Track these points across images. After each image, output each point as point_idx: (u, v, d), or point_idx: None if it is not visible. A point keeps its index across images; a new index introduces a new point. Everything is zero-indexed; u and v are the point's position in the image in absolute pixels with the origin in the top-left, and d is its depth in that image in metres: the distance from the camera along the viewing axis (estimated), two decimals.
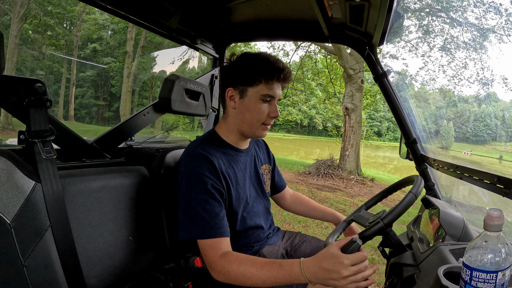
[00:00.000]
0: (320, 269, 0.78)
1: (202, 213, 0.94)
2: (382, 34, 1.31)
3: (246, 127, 1.08)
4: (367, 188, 7.66)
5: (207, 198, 0.96)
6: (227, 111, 1.11)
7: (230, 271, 0.88)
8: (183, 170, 1.00)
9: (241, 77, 1.03)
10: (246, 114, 1.05)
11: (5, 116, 12.53)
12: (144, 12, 1.26)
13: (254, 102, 1.04)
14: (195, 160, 0.99)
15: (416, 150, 1.48)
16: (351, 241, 0.79)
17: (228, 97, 1.07)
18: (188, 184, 0.97)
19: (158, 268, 1.16)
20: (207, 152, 1.01)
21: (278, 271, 0.83)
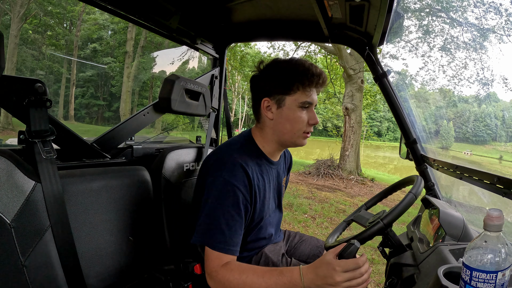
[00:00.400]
0: (317, 275, 0.79)
1: (224, 226, 0.92)
2: (382, 34, 1.31)
3: (287, 137, 1.03)
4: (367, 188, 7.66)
5: (234, 213, 0.93)
6: (263, 122, 1.05)
7: (231, 280, 0.87)
8: (218, 175, 0.95)
9: (277, 85, 0.98)
10: (286, 125, 1.01)
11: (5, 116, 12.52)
12: (144, 12, 1.26)
13: (294, 111, 0.99)
14: (233, 169, 0.95)
15: (416, 150, 1.48)
16: (348, 243, 0.79)
17: (264, 108, 1.02)
18: (220, 193, 0.93)
19: (158, 268, 1.16)
20: (245, 163, 0.97)
21: (278, 278, 0.84)
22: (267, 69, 1.03)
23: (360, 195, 6.76)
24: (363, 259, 0.78)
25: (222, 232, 0.91)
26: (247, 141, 1.08)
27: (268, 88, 1.00)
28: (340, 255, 0.79)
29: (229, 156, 0.99)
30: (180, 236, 1.29)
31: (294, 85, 0.97)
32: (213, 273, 0.90)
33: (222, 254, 0.91)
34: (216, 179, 0.95)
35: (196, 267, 1.04)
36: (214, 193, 0.94)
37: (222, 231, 0.91)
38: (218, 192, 0.93)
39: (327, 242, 1.05)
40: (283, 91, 0.98)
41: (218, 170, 0.96)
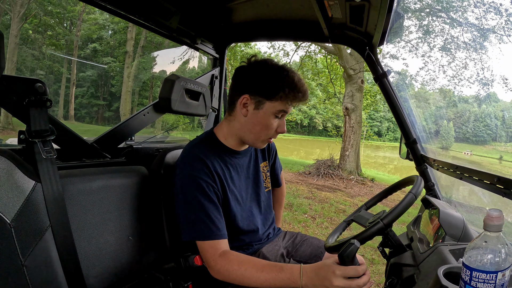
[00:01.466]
0: (316, 275, 0.80)
1: (201, 215, 0.95)
2: (382, 34, 1.31)
3: (251, 138, 1.06)
4: (367, 188, 7.66)
5: (204, 201, 0.96)
6: (234, 115, 1.06)
7: (230, 270, 0.89)
8: (179, 173, 1.00)
9: (262, 87, 0.98)
10: (256, 127, 1.02)
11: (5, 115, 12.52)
12: (144, 12, 1.26)
13: (268, 117, 1.00)
14: (191, 162, 1.00)
15: (416, 150, 1.48)
16: (349, 243, 0.78)
17: (241, 103, 1.02)
18: (185, 187, 0.98)
19: (158, 268, 1.16)
20: (203, 154, 1.00)
21: (278, 274, 0.84)
22: (257, 66, 1.02)
23: (360, 195, 6.76)
24: (363, 268, 0.78)
25: (203, 222, 0.94)
26: (208, 136, 1.11)
27: (252, 86, 0.99)
28: (340, 255, 0.78)
29: (188, 152, 1.03)
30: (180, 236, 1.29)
31: (278, 93, 0.97)
32: (212, 262, 0.93)
33: (213, 241, 0.94)
34: (178, 176, 1.00)
35: (196, 259, 1.04)
36: (180, 190, 0.98)
37: (202, 220, 0.94)
38: (185, 187, 0.97)
39: (327, 242, 1.05)
40: (266, 95, 0.98)
41: (180, 167, 1.01)
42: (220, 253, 0.93)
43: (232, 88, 1.07)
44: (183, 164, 1.01)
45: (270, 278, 0.84)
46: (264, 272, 0.85)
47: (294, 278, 0.82)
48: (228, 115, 1.09)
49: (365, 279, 0.78)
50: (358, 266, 0.78)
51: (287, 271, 0.84)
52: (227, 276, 0.90)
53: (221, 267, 0.91)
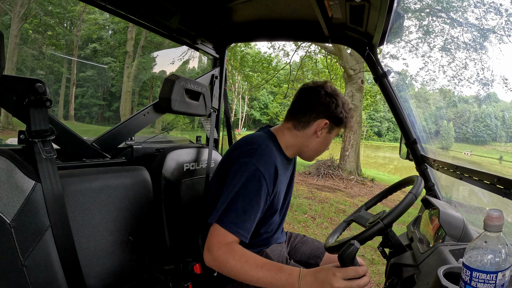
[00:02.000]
0: (315, 279, 0.79)
1: (240, 210, 0.93)
2: (382, 34, 1.31)
3: (311, 154, 1.17)
4: (367, 188, 7.66)
5: (254, 201, 0.95)
6: (304, 132, 1.12)
7: (228, 259, 0.86)
8: (248, 162, 0.97)
9: (338, 117, 1.11)
10: (322, 146, 1.15)
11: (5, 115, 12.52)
12: (144, 12, 1.26)
13: (331, 139, 1.17)
14: (264, 159, 0.99)
15: (416, 151, 1.48)
16: (349, 243, 0.78)
17: (319, 125, 1.10)
18: (247, 178, 0.95)
19: (158, 268, 1.16)
20: (273, 154, 1.03)
21: (276, 274, 0.83)
22: (335, 95, 1.12)
23: (360, 195, 6.76)
24: (363, 269, 0.78)
25: (237, 214, 0.92)
26: (271, 136, 1.13)
27: (332, 114, 1.10)
28: (340, 255, 0.78)
29: (259, 145, 1.03)
30: (180, 236, 1.29)
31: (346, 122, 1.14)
32: (214, 247, 0.89)
33: (229, 233, 0.90)
34: (244, 165, 0.97)
35: (196, 267, 1.05)
36: (240, 177, 0.96)
37: (238, 213, 0.92)
38: (245, 178, 0.95)
39: (327, 243, 1.05)
40: (339, 123, 1.13)
41: (248, 156, 0.99)
42: (227, 243, 0.90)
43: (304, 108, 1.13)
44: (253, 153, 0.99)
45: (267, 276, 0.83)
46: (263, 269, 0.84)
47: (292, 280, 0.81)
48: (294, 128, 1.13)
49: (365, 280, 0.77)
50: (358, 267, 0.77)
51: (285, 272, 0.83)
52: (224, 264, 0.87)
53: (221, 255, 0.87)
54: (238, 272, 0.85)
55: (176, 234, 1.28)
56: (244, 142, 1.07)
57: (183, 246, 1.29)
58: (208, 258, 0.90)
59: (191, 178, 1.40)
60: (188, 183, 1.38)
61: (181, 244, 1.29)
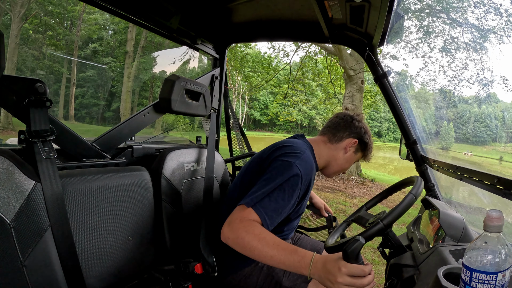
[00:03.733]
0: (323, 268, 0.80)
1: (273, 201, 0.95)
2: (383, 34, 1.31)
3: (335, 169, 1.30)
4: (367, 188, 7.65)
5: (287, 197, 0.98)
6: (336, 146, 1.27)
7: (247, 234, 0.86)
8: (291, 160, 1.02)
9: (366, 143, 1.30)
10: (346, 164, 1.30)
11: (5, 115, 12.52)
12: (144, 12, 1.26)
13: (354, 160, 1.32)
14: (305, 162, 1.06)
15: (416, 151, 1.48)
16: (354, 239, 0.78)
17: (348, 143, 1.26)
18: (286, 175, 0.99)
19: (158, 268, 1.16)
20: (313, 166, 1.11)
21: (290, 254, 0.83)
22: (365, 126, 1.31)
23: (360, 195, 6.76)
24: (369, 268, 0.77)
25: (270, 203, 0.94)
26: (309, 147, 1.21)
27: (363, 137, 1.28)
28: (344, 250, 0.77)
29: (303, 151, 1.10)
30: (180, 236, 1.29)
31: (368, 150, 1.32)
32: (236, 221, 0.90)
33: (255, 214, 0.91)
34: (289, 165, 1.01)
35: (197, 267, 1.05)
36: (282, 173, 0.99)
37: (271, 203, 0.94)
38: (286, 175, 0.99)
39: (327, 243, 1.05)
40: (363, 148, 1.31)
41: (291, 157, 1.05)
42: (250, 219, 0.91)
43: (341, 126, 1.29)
44: (296, 155, 1.06)
45: (281, 255, 0.84)
46: (278, 247, 0.84)
47: (304, 264, 0.82)
48: (329, 142, 1.28)
49: (369, 279, 0.77)
50: (364, 266, 0.77)
51: (299, 254, 0.83)
52: (242, 238, 0.86)
53: (241, 228, 0.88)
54: (253, 247, 0.85)
55: (176, 235, 1.28)
56: (287, 145, 1.12)
57: (183, 246, 1.29)
58: (227, 231, 0.90)
59: (192, 178, 1.40)
60: (189, 183, 1.38)
61: (181, 244, 1.29)
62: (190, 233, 1.31)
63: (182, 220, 1.32)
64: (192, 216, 1.37)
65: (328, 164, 1.29)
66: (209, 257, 1.09)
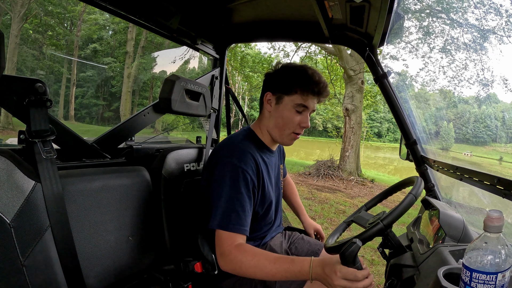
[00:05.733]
0: (322, 270, 0.83)
1: (238, 208, 0.97)
2: (383, 35, 1.31)
3: (277, 132, 1.14)
4: (367, 189, 7.65)
5: (245, 195, 0.99)
6: (263, 113, 1.17)
7: (243, 261, 0.90)
8: (228, 162, 1.01)
9: (280, 84, 1.10)
10: (279, 120, 1.11)
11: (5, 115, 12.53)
12: (144, 12, 1.26)
13: (288, 110, 1.09)
14: (241, 155, 1.03)
15: (416, 151, 1.48)
16: (351, 242, 0.78)
17: (265, 100, 1.14)
18: (232, 177, 0.99)
19: (158, 268, 1.16)
20: (252, 150, 1.07)
21: (289, 266, 0.87)
22: (279, 69, 1.14)
23: (360, 196, 6.76)
24: (363, 273, 0.78)
25: (237, 214, 0.97)
26: (249, 133, 1.17)
27: (273, 84, 1.12)
28: (341, 253, 0.78)
29: (236, 145, 1.08)
30: (180, 236, 1.29)
31: (294, 87, 1.07)
32: (226, 252, 0.93)
33: (235, 234, 0.95)
34: (226, 166, 1.01)
35: (197, 266, 1.05)
36: (226, 179, 1.00)
37: (237, 212, 0.97)
38: (229, 177, 0.99)
39: (327, 243, 1.05)
40: (284, 91, 1.09)
41: (228, 157, 1.03)
42: (236, 245, 0.94)
43: (261, 92, 1.19)
44: (231, 154, 1.04)
45: (282, 270, 0.87)
46: (276, 264, 0.88)
47: (304, 272, 0.85)
48: (260, 115, 1.20)
49: (365, 283, 0.78)
50: (358, 271, 0.77)
51: (298, 263, 0.86)
52: (240, 266, 0.91)
53: (235, 257, 0.92)
54: (254, 271, 0.89)
55: (176, 235, 1.28)
56: (224, 144, 1.12)
57: (183, 246, 1.29)
58: (223, 263, 0.94)
59: (192, 178, 1.40)
60: (189, 183, 1.38)
61: (181, 244, 1.29)
62: (190, 233, 1.31)
63: (182, 220, 1.32)
64: (192, 216, 1.37)
65: (270, 134, 1.17)
66: (208, 255, 1.09)
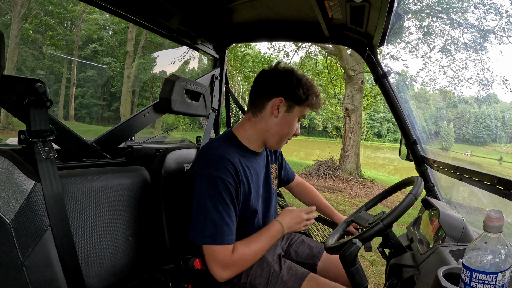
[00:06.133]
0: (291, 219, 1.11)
1: (226, 218, 0.96)
2: (383, 35, 1.31)
3: (276, 139, 1.12)
4: (367, 189, 7.65)
5: (228, 202, 0.97)
6: (261, 116, 1.09)
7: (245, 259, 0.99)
8: (204, 173, 0.98)
9: (295, 94, 1.06)
10: (285, 128, 1.09)
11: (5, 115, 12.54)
12: (144, 12, 1.26)
13: (294, 120, 1.10)
14: (216, 163, 0.98)
15: (416, 151, 1.48)
16: (350, 242, 0.79)
17: (273, 105, 1.06)
18: (208, 187, 0.96)
19: (158, 268, 1.16)
20: (228, 154, 1.01)
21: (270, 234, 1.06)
22: (290, 73, 1.08)
23: (360, 196, 6.76)
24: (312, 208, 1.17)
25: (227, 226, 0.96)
26: (228, 137, 1.12)
27: (288, 91, 1.06)
28: (341, 254, 0.79)
29: (212, 151, 1.03)
30: (180, 236, 1.29)
31: (307, 100, 1.08)
32: (229, 264, 0.96)
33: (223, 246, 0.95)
34: (204, 177, 0.98)
35: (196, 262, 1.04)
36: (203, 190, 0.97)
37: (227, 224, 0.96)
38: (206, 189, 0.96)
39: (327, 243, 1.05)
40: (298, 101, 1.07)
41: (205, 168, 0.99)
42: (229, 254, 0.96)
43: (259, 90, 1.10)
44: (208, 163, 0.99)
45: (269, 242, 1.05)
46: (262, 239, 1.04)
47: (279, 230, 1.08)
48: (253, 116, 1.11)
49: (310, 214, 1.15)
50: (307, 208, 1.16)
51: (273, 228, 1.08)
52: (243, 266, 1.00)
53: (238, 260, 0.97)
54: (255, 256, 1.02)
55: (176, 235, 1.28)
56: (202, 152, 1.06)
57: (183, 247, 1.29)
58: (228, 274, 0.97)
59: None
60: None
61: (181, 244, 1.29)
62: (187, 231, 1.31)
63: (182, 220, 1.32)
64: None
65: (264, 139, 1.12)
66: None
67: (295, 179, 1.55)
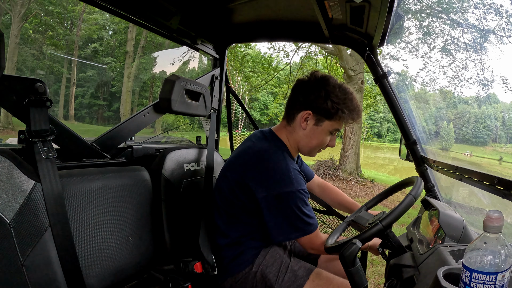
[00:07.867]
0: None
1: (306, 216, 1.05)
2: (383, 35, 1.31)
3: (307, 149, 1.15)
4: (367, 189, 7.65)
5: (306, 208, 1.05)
6: (293, 126, 1.12)
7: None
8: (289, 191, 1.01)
9: (325, 107, 1.04)
10: (313, 140, 1.10)
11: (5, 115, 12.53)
12: (144, 12, 1.26)
13: (324, 134, 1.09)
14: (294, 178, 1.02)
15: (416, 152, 1.48)
16: (350, 242, 0.79)
17: (301, 117, 1.08)
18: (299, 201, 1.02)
19: (158, 268, 1.16)
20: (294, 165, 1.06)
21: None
22: (321, 84, 1.06)
23: (360, 196, 6.76)
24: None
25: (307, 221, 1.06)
26: (277, 142, 1.13)
27: (316, 104, 1.05)
28: (341, 254, 0.79)
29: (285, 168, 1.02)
30: (180, 236, 1.29)
31: (339, 115, 1.04)
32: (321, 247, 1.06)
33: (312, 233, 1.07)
34: (284, 194, 1.00)
35: (196, 266, 1.05)
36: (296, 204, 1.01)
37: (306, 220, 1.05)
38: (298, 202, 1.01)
39: (327, 243, 1.05)
40: (327, 115, 1.05)
41: (280, 185, 1.01)
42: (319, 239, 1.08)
43: (292, 100, 1.12)
44: (287, 181, 1.01)
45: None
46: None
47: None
48: (287, 124, 1.14)
49: None
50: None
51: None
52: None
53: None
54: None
55: (176, 235, 1.28)
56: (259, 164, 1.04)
57: (183, 246, 1.29)
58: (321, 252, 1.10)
59: (192, 178, 1.40)
60: (188, 183, 1.38)
61: (181, 244, 1.29)
62: (190, 233, 1.31)
63: (182, 220, 1.32)
64: (191, 216, 1.37)
65: (298, 147, 1.15)
66: (208, 256, 1.09)
67: (314, 179, 1.56)
